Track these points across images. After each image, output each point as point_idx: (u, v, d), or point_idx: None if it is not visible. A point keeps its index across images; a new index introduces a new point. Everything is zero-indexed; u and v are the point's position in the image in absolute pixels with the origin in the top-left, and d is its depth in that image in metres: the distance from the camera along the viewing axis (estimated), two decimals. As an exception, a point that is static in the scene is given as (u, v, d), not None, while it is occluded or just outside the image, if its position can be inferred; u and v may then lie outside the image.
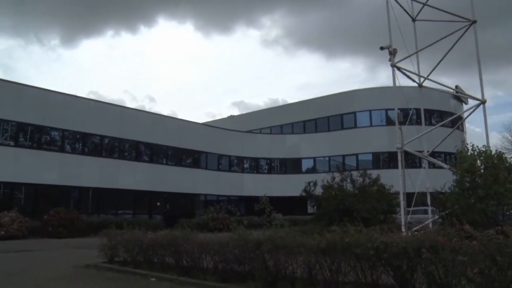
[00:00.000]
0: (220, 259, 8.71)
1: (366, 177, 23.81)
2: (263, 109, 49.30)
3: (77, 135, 29.56)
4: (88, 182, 28.85)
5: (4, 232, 21.57)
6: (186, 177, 34.94)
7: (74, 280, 9.32)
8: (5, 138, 26.31)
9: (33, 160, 26.54)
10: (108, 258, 11.72)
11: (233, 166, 40.39)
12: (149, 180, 32.18)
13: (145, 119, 33.20)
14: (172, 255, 9.81)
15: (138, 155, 32.93)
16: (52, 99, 28.08)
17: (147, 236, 10.78)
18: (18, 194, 26.81)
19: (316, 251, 7.20)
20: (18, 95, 26.46)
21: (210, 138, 37.84)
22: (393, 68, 16.19)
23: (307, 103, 44.36)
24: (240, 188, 39.20)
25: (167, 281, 9.10)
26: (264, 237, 7.94)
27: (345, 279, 7.03)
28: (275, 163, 42.79)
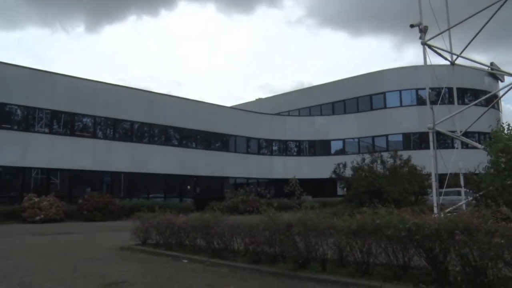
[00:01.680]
0: (250, 241, 8.79)
1: (396, 158, 23.51)
2: (291, 91, 48.99)
3: (108, 121, 30.10)
4: (120, 166, 29.44)
5: (43, 215, 22.41)
6: (216, 161, 35.21)
7: (109, 262, 9.58)
8: (40, 126, 27.05)
9: (67, 146, 27.22)
10: (141, 241, 11.98)
11: (262, 149, 40.43)
12: (179, 164, 32.57)
13: (174, 103, 33.45)
14: (203, 238, 9.94)
15: (168, 140, 33.31)
16: (83, 86, 28.61)
17: (179, 219, 10.94)
18: (54, 180, 27.62)
19: (347, 232, 7.18)
20: (51, 83, 27.08)
21: (238, 121, 37.91)
22: (424, 46, 15.75)
23: (336, 84, 43.78)
24: (269, 171, 39.29)
25: (199, 262, 9.25)
26: (294, 219, 7.96)
27: (376, 260, 7.00)
28: (304, 145, 42.61)
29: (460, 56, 17.98)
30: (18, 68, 26.23)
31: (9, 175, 26.30)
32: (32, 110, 26.62)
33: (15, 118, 26.64)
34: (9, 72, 25.60)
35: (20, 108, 26.36)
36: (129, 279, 7.53)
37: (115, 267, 8.88)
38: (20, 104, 26.08)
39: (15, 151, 25.12)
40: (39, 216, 22.32)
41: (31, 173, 26.51)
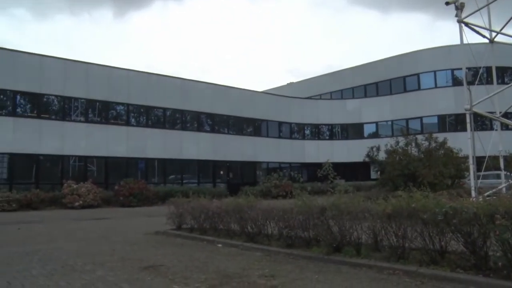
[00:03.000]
0: (284, 225, 8.80)
1: (432, 141, 23.01)
2: (323, 75, 48.36)
3: (141, 109, 30.57)
4: (154, 153, 29.94)
5: (82, 201, 23.17)
6: (248, 146, 35.35)
7: (146, 246, 9.80)
8: (76, 115, 27.75)
9: (102, 134, 27.86)
10: (176, 225, 12.19)
11: (294, 133, 40.31)
12: (211, 149, 32.86)
13: (205, 89, 33.63)
14: (237, 222, 10.03)
15: (200, 126, 33.60)
16: (116, 75, 29.12)
17: (212, 204, 11.06)
18: (91, 167, 28.36)
19: (382, 216, 7.08)
20: (85, 73, 27.68)
21: (270, 106, 37.84)
22: (461, 24, 15.23)
23: (368, 66, 42.99)
24: (301, 155, 39.19)
25: (233, 247, 9.36)
26: (328, 203, 7.91)
27: (412, 245, 6.88)
28: (336, 128, 42.24)
29: (500, 33, 17.29)
30: (54, 59, 26.95)
31: (49, 163, 27.16)
32: (68, 99, 27.31)
33: (53, 108, 27.44)
34: (46, 64, 26.32)
35: (57, 98, 27.14)
36: (166, 262, 7.69)
37: (152, 251, 9.08)
38: (57, 94, 26.85)
39: (54, 140, 25.95)
40: (78, 202, 23.08)
41: (69, 160, 27.31)
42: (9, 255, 8.81)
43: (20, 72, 25.17)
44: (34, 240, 11.13)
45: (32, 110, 26.47)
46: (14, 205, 21.89)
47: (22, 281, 6.36)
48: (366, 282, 5.97)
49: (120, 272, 6.91)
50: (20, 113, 25.77)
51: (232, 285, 5.95)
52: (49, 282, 6.28)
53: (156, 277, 6.50)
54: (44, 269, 7.26)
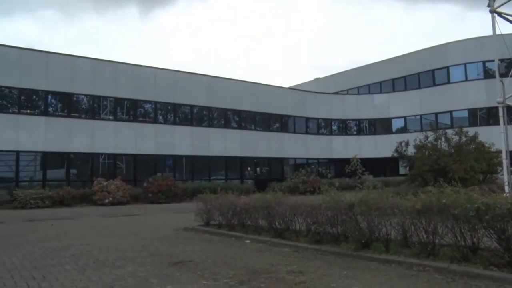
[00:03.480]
0: (312, 221, 8.78)
1: (462, 135, 22.54)
2: (350, 70, 47.84)
3: (168, 106, 30.90)
4: (181, 150, 30.22)
5: (111, 198, 23.62)
6: (275, 142, 35.33)
7: (174, 242, 9.92)
8: (105, 113, 28.25)
9: (130, 132, 28.29)
10: (204, 222, 12.29)
11: (321, 129, 40.05)
12: (239, 146, 32.99)
13: (232, 86, 33.70)
14: (265, 218, 10.04)
15: (228, 122, 33.73)
16: (143, 73, 29.48)
17: (240, 200, 11.11)
18: (120, 164, 28.84)
19: (411, 212, 6.98)
20: (113, 72, 28.14)
21: (297, 101, 37.69)
22: (493, 14, 14.84)
23: (396, 60, 42.28)
24: (329, 151, 38.94)
25: (261, 242, 9.38)
26: (356, 199, 7.84)
27: (442, 241, 6.76)
28: (364, 124, 41.74)
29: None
30: (83, 59, 27.52)
31: (79, 160, 27.76)
32: (97, 98, 27.81)
33: (82, 107, 28.01)
34: (76, 64, 26.90)
35: (86, 97, 27.69)
36: (194, 258, 7.77)
37: (181, 247, 9.18)
38: (86, 94, 27.39)
39: (84, 138, 26.50)
40: (107, 199, 23.54)
41: (99, 158, 27.84)
42: (44, 250, 9.06)
43: (51, 72, 25.80)
44: (67, 236, 11.41)
45: (63, 110, 27.08)
46: (47, 202, 22.52)
47: (57, 276, 6.53)
48: (395, 279, 5.90)
49: (149, 267, 7.01)
50: (51, 113, 26.39)
51: (260, 281, 5.96)
52: (82, 276, 6.43)
53: (185, 273, 6.57)
54: (76, 264, 7.43)
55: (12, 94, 25.53)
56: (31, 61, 25.37)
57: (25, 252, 8.84)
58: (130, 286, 5.81)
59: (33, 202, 22.00)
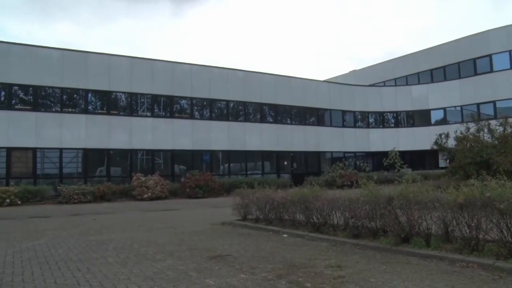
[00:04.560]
0: (350, 215, 8.68)
1: (507, 126, 21.70)
2: (386, 61, 46.90)
3: (204, 102, 31.16)
4: (218, 145, 30.48)
5: (150, 193, 24.11)
6: (311, 135, 35.14)
7: (212, 236, 10.02)
8: (142, 110, 28.79)
9: (167, 128, 28.74)
10: (241, 216, 12.37)
11: (358, 122, 39.50)
12: (275, 140, 32.98)
13: (267, 80, 33.66)
14: (302, 212, 10.01)
15: (263, 117, 33.74)
16: (179, 70, 29.83)
17: (277, 195, 11.10)
18: (158, 160, 29.36)
19: (453, 206, 6.78)
20: (150, 69, 28.60)
21: (333, 94, 37.32)
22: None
23: (434, 50, 41.13)
24: (366, 144, 38.40)
25: (299, 237, 9.35)
26: (395, 192, 7.70)
27: (487, 236, 6.52)
28: (401, 116, 40.85)
29: None
30: (121, 57, 28.12)
31: (118, 157, 28.40)
32: (135, 95, 28.35)
33: (121, 104, 28.62)
34: (113, 62, 27.50)
35: (124, 94, 28.26)
36: (232, 252, 7.82)
37: (219, 241, 9.27)
38: (124, 91, 27.96)
39: (122, 135, 27.15)
40: (146, 194, 24.02)
41: (137, 154, 28.41)
42: (87, 243, 9.34)
43: (90, 71, 26.51)
44: (108, 230, 11.71)
45: (102, 107, 27.76)
46: (89, 197, 23.19)
47: (100, 268, 6.72)
48: (437, 275, 5.75)
49: (188, 261, 7.11)
50: (91, 110, 27.10)
51: (298, 275, 5.94)
52: (124, 269, 6.58)
53: (224, 267, 6.63)
54: (118, 257, 7.61)
55: (55, 93, 26.38)
56: (71, 61, 26.15)
57: (70, 245, 9.15)
58: (170, 279, 5.90)
59: (76, 197, 22.75)
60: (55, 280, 6.08)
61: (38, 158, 25.18)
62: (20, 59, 24.74)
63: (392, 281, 5.48)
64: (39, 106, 25.52)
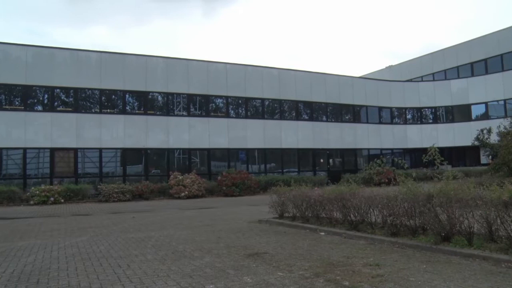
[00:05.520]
0: (388, 213, 8.53)
1: (554, 120, 20.88)
2: (424, 55, 45.83)
3: (239, 100, 31.30)
4: (253, 143, 30.57)
5: (187, 192, 24.41)
6: (348, 132, 34.79)
7: (249, 234, 10.05)
8: (179, 110, 29.19)
9: (203, 126, 29.05)
10: (278, 214, 12.35)
11: (395, 118, 38.78)
12: (311, 137, 32.83)
13: (302, 78, 33.49)
14: (340, 210, 9.92)
15: (299, 114, 33.60)
16: (214, 69, 30.07)
17: (314, 192, 11.05)
18: (194, 159, 29.70)
19: (497, 204, 6.55)
20: (185, 69, 28.96)
21: (369, 91, 36.76)
22: None
23: (474, 42, 39.86)
24: (403, 140, 37.67)
25: (336, 235, 9.28)
26: (435, 190, 7.52)
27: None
28: (440, 111, 39.80)
29: None
30: (157, 58, 28.62)
31: (156, 156, 28.90)
32: (171, 95, 28.79)
33: (157, 104, 29.11)
34: (150, 63, 28.01)
35: (160, 94, 28.73)
36: (269, 250, 7.83)
37: (256, 239, 9.29)
38: (160, 91, 28.44)
39: (159, 134, 27.63)
40: (183, 192, 24.35)
41: (174, 153, 28.83)
42: (127, 240, 9.55)
43: (127, 72, 27.12)
44: (147, 228, 11.93)
45: (139, 107, 28.32)
46: (127, 195, 23.72)
47: (139, 265, 6.86)
48: (481, 275, 5.58)
49: (226, 258, 7.16)
50: (129, 111, 27.69)
51: (336, 273, 5.89)
52: (163, 266, 6.69)
53: (261, 264, 6.64)
54: (157, 254, 7.75)
55: (94, 95, 27.09)
56: (109, 63, 26.80)
57: (111, 242, 9.38)
58: (208, 276, 5.96)
59: (115, 196, 23.32)
60: (97, 275, 6.25)
61: (79, 158, 25.94)
62: (62, 63, 25.59)
63: (433, 281, 5.36)
64: (79, 108, 26.29)
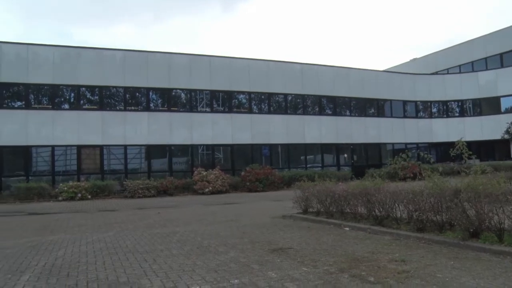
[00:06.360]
0: (414, 208, 8.40)
1: None
2: (449, 47, 44.79)
3: (262, 96, 31.28)
4: (277, 138, 30.55)
5: (211, 187, 24.58)
6: (371, 127, 34.43)
7: (273, 229, 10.05)
8: (202, 106, 29.36)
9: (226, 122, 29.16)
10: (302, 209, 12.31)
11: (419, 112, 38.18)
12: (334, 132, 32.64)
13: (325, 72, 33.25)
14: (364, 205, 9.82)
15: (322, 109, 33.42)
16: (236, 65, 30.11)
17: (338, 187, 10.98)
18: (218, 154, 29.85)
19: (529, 199, 6.39)
20: (208, 65, 29.09)
21: (393, 84, 36.27)
22: None
23: (504, 32, 38.51)
24: (428, 134, 37.06)
25: (361, 230, 9.20)
26: (462, 185, 7.35)
27: None
28: (467, 104, 38.93)
29: None
30: (180, 55, 28.81)
31: (180, 152, 29.16)
32: (194, 92, 28.98)
33: (181, 101, 29.35)
34: (173, 60, 28.25)
35: (183, 91, 28.95)
36: (294, 245, 7.81)
37: (280, 234, 9.29)
38: (183, 88, 28.65)
39: (183, 131, 27.86)
40: (207, 188, 24.51)
41: (198, 149, 29.03)
42: (152, 236, 9.67)
43: (151, 70, 27.41)
44: (172, 223, 12.06)
45: (163, 104, 28.60)
46: (152, 191, 24.01)
47: (165, 259, 6.93)
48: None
49: (250, 254, 7.17)
50: (153, 108, 28.00)
51: (361, 269, 5.84)
52: (188, 261, 6.75)
53: (285, 259, 6.63)
54: (182, 249, 7.82)
55: (119, 92, 27.47)
56: (133, 60, 27.14)
57: (137, 237, 9.51)
58: (233, 271, 5.98)
59: (140, 192, 23.63)
60: (124, 270, 6.35)
61: (105, 155, 26.40)
62: (87, 62, 26.02)
63: (461, 278, 5.25)
64: (104, 105, 26.72)
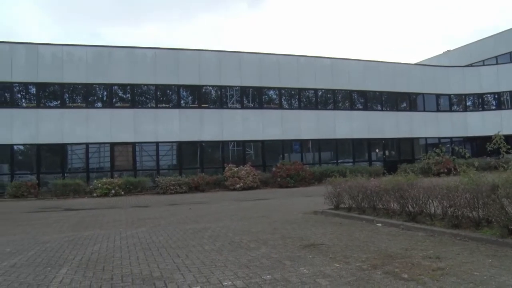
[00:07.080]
0: (449, 204, 8.21)
1: None
2: (485, 38, 43.39)
3: (292, 91, 31.15)
4: (307, 134, 30.39)
5: (242, 183, 24.69)
6: (404, 121, 33.82)
7: (305, 225, 10.02)
8: (232, 102, 29.47)
9: (257, 119, 29.19)
10: (333, 205, 12.24)
11: (453, 105, 37.25)
12: (365, 127, 32.21)
13: (355, 66, 32.84)
14: (397, 201, 9.67)
15: (353, 104, 33.03)
16: (266, 60, 30.05)
17: (370, 183, 10.85)
18: (249, 150, 29.91)
19: None
20: (238, 62, 29.16)
21: (425, 78, 35.49)
22: None
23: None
24: (463, 128, 36.10)
25: (393, 226, 9.07)
26: (500, 180, 7.11)
27: None
28: (504, 97, 37.70)
29: None
30: (210, 52, 28.99)
31: (211, 148, 29.38)
32: (224, 88, 29.11)
33: (211, 98, 29.54)
34: (203, 57, 28.44)
35: (213, 88, 29.12)
36: (326, 241, 7.77)
37: (311, 230, 9.25)
38: (214, 85, 28.81)
39: (213, 127, 28.05)
40: (238, 184, 24.62)
41: (229, 145, 29.17)
42: (184, 231, 9.78)
43: (181, 67, 27.68)
44: (203, 219, 12.17)
45: (193, 101, 28.85)
46: (184, 187, 24.31)
47: (197, 255, 7.01)
48: (554, 269, 5.26)
49: (282, 249, 7.17)
50: (184, 105, 28.28)
51: (394, 266, 5.76)
52: (220, 257, 6.80)
53: (317, 255, 6.60)
54: (214, 245, 7.88)
55: (150, 90, 27.87)
56: (164, 58, 27.47)
57: (169, 233, 9.64)
58: (265, 267, 5.99)
59: (172, 188, 23.96)
60: (158, 264, 6.45)
61: (137, 152, 26.85)
62: (119, 60, 26.50)
63: (501, 276, 5.10)
64: (136, 103, 27.16)
